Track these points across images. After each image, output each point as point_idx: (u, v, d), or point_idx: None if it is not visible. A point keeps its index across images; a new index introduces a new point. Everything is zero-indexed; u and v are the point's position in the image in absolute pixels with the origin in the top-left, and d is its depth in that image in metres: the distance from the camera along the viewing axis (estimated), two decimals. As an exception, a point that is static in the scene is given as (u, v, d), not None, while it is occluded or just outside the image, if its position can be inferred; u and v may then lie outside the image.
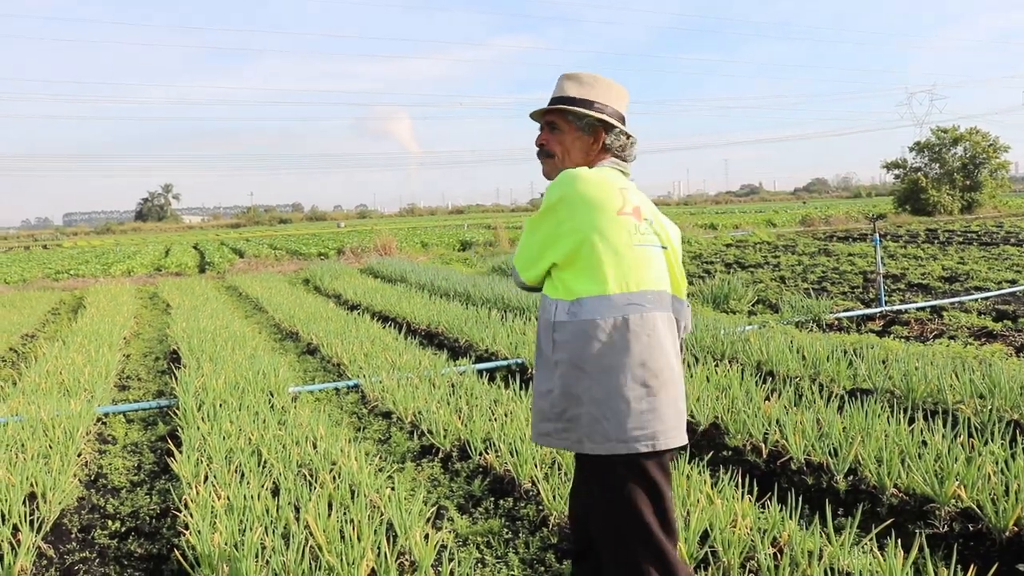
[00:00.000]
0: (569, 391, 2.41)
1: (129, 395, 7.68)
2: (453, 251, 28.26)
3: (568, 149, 2.63)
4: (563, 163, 2.63)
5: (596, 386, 2.38)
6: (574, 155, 2.64)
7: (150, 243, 49.73)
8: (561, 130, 2.64)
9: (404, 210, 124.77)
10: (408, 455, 5.30)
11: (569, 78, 2.66)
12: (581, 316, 2.41)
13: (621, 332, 2.39)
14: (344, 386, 7.31)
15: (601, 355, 2.38)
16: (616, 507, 2.40)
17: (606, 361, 2.38)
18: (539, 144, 2.69)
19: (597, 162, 2.65)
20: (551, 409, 2.45)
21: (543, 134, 2.68)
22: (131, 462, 5.55)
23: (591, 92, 2.64)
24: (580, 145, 2.63)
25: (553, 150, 2.65)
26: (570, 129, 2.62)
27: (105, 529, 4.30)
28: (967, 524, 3.63)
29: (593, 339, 2.39)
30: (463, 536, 3.98)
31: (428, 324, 10.22)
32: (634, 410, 2.36)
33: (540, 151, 2.69)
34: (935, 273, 13.84)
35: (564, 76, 2.68)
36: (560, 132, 2.64)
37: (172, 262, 27.11)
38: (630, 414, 2.35)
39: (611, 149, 2.65)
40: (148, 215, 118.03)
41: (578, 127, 2.62)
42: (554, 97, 2.66)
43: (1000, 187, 39.10)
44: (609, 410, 2.36)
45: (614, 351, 2.38)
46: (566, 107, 2.60)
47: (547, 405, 2.47)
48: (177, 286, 17.98)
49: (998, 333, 8.22)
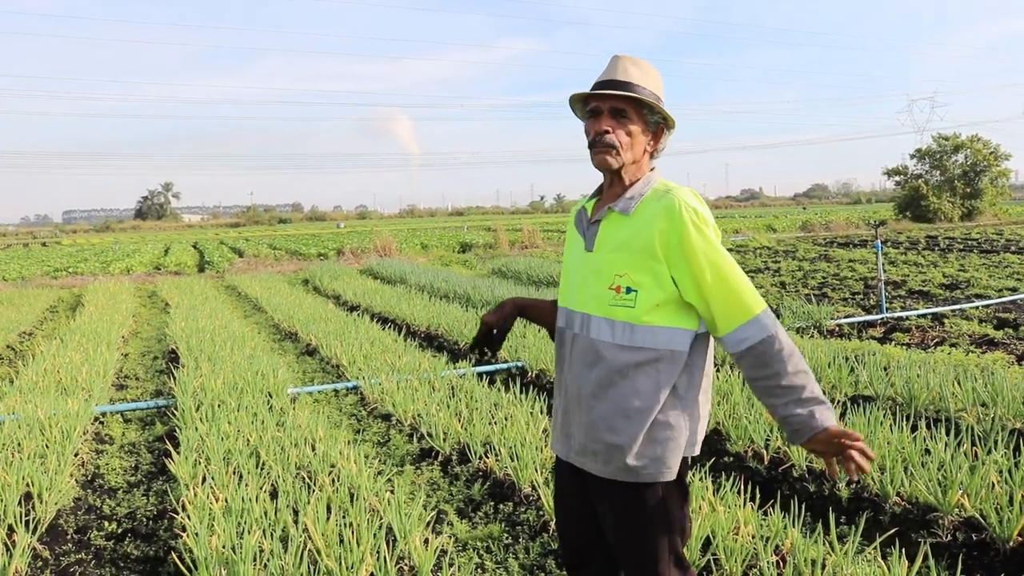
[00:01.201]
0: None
1: (127, 394, 7.65)
2: (453, 253, 28.24)
3: (632, 144, 2.27)
4: (623, 159, 2.26)
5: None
6: (636, 152, 2.29)
7: (149, 241, 49.71)
8: (631, 120, 2.26)
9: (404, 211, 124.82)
10: (408, 458, 5.27)
11: (632, 62, 2.30)
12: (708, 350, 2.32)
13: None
14: (343, 388, 7.28)
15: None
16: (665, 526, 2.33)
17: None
18: (604, 131, 2.25)
19: (646, 168, 2.34)
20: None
21: (608, 120, 2.26)
22: (128, 462, 5.52)
23: (654, 84, 2.31)
24: (642, 142, 2.29)
25: (620, 141, 2.25)
26: (639, 121, 2.27)
27: (101, 530, 4.27)
28: (971, 533, 3.61)
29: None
30: (463, 541, 3.95)
31: (428, 326, 10.19)
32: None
33: (599, 141, 2.26)
34: (936, 280, 13.82)
35: (624, 58, 2.32)
36: (629, 122, 2.26)
37: (171, 261, 27.07)
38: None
39: (656, 153, 2.37)
40: (148, 213, 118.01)
41: (647, 121, 2.29)
42: (620, 81, 2.26)
43: (1001, 195, 39.04)
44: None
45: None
46: (644, 97, 2.25)
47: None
48: (176, 285, 17.94)
49: (999, 341, 8.19)
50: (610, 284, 2.25)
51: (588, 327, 2.30)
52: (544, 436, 5.02)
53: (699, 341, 2.25)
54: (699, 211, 2.18)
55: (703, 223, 2.17)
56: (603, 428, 2.25)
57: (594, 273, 2.30)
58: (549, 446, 4.75)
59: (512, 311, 2.62)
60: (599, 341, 2.26)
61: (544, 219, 74.54)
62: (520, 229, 34.61)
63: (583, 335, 2.32)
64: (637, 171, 2.32)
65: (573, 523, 2.49)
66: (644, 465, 2.21)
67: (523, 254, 24.92)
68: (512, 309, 2.63)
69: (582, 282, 2.36)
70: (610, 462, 2.25)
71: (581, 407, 2.32)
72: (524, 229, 32.74)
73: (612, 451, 2.24)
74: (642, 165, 2.33)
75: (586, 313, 2.31)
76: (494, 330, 2.58)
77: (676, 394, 2.23)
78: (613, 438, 2.23)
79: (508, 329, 2.60)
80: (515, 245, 29.25)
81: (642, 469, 2.21)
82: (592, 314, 2.29)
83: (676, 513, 2.28)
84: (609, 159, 2.26)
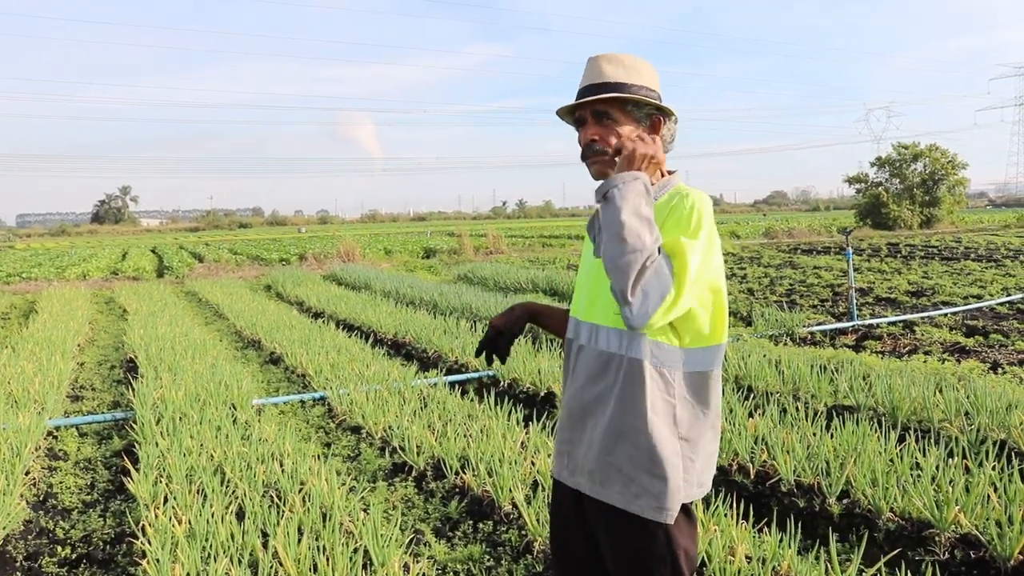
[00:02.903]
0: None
1: (83, 406, 7.33)
2: (417, 258, 27.97)
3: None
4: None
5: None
6: None
7: (106, 246, 48.61)
8: (616, 121, 2.14)
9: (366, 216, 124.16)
10: (380, 473, 5.05)
11: (608, 60, 2.19)
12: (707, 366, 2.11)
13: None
14: (310, 398, 7.04)
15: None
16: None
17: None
18: (590, 140, 2.15)
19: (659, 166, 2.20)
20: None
21: (593, 128, 2.15)
22: (84, 480, 5.23)
23: (638, 76, 2.18)
24: None
25: (611, 145, 2.13)
26: (627, 120, 2.15)
27: (54, 556, 3.99)
28: (969, 551, 3.49)
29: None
30: (442, 563, 3.75)
31: (395, 333, 9.96)
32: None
33: (589, 150, 2.16)
34: (902, 287, 13.90)
35: (599, 58, 2.21)
36: (615, 123, 2.14)
37: (129, 266, 26.43)
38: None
39: (665, 147, 2.21)
40: (105, 217, 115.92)
41: (636, 117, 2.16)
42: (595, 84, 2.16)
43: (958, 203, 39.72)
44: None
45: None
46: (623, 94, 2.13)
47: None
48: (134, 291, 17.48)
49: (971, 349, 8.19)
50: None
51: (596, 338, 2.12)
52: (523, 450, 4.84)
53: (699, 373, 2.07)
54: (702, 210, 2.02)
55: (699, 216, 2.01)
56: (600, 448, 2.08)
57: (602, 280, 2.12)
58: (528, 460, 4.58)
59: (522, 315, 2.43)
60: (607, 353, 2.09)
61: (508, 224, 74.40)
62: (485, 235, 34.39)
63: (590, 347, 2.14)
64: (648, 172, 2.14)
65: (571, 555, 2.29)
66: (641, 497, 2.02)
67: (488, 260, 24.72)
68: (522, 313, 2.44)
69: (591, 289, 2.18)
70: (607, 485, 2.06)
71: (581, 423, 2.14)
72: (489, 235, 32.54)
73: (609, 473, 2.06)
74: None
75: (594, 323, 2.14)
76: (502, 334, 2.39)
77: (680, 423, 2.04)
78: (610, 459, 2.05)
79: (517, 334, 2.41)
80: (480, 251, 29.06)
81: (639, 501, 2.02)
82: (601, 324, 2.11)
83: (682, 548, 2.07)
84: (603, 168, 2.14)
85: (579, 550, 2.26)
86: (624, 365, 2.04)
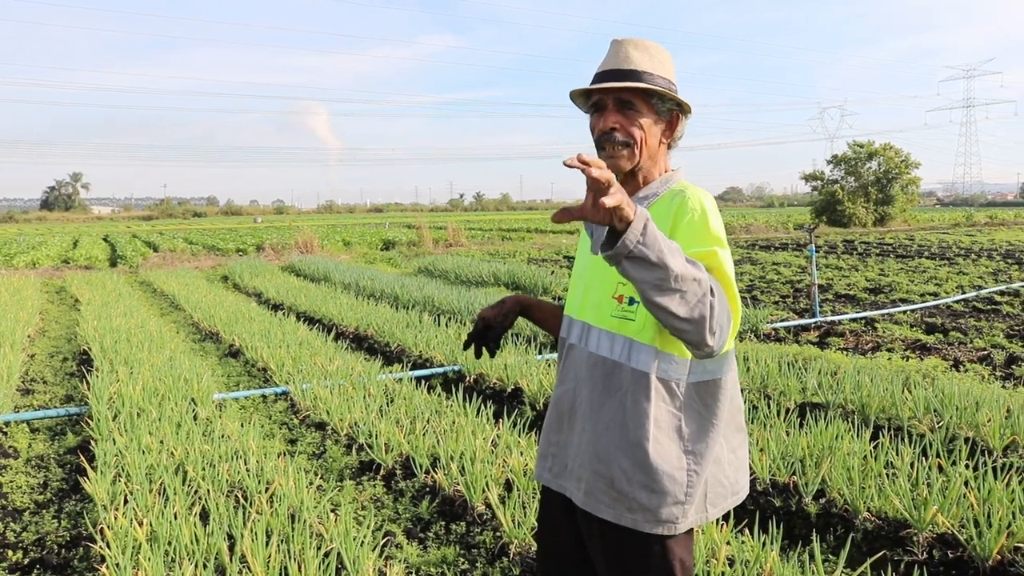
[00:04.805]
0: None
1: (34, 400, 7.07)
2: (376, 250, 27.67)
3: (647, 139, 1.98)
4: (636, 157, 1.99)
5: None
6: (651, 146, 2.00)
7: (56, 234, 47.41)
8: (640, 112, 1.97)
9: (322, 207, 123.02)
10: (347, 472, 4.91)
11: (634, 46, 2.03)
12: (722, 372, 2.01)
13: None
14: (272, 393, 6.86)
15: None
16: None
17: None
18: (611, 128, 1.97)
19: (663, 163, 2.07)
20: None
21: (615, 115, 1.97)
22: (36, 479, 5.02)
23: (662, 67, 2.02)
24: (655, 134, 2.00)
25: (634, 137, 1.97)
26: (649, 112, 1.98)
27: (4, 561, 3.79)
28: (947, 551, 3.48)
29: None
30: (414, 566, 3.64)
31: (357, 327, 9.80)
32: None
33: (607, 138, 1.98)
34: (860, 284, 14.06)
35: (626, 42, 2.04)
36: (639, 115, 1.97)
37: (81, 254, 25.76)
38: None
39: (673, 143, 2.09)
40: (55, 204, 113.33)
41: (658, 111, 2.00)
42: (622, 70, 1.99)
43: (911, 202, 40.40)
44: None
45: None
46: (653, 86, 1.97)
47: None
48: (87, 280, 17.03)
49: (932, 346, 8.28)
50: (612, 292, 1.97)
51: (587, 339, 2.03)
52: (494, 448, 4.75)
53: (708, 381, 1.95)
54: (707, 209, 1.90)
55: (705, 214, 1.89)
56: (589, 454, 1.98)
57: (597, 279, 2.02)
58: (501, 458, 4.49)
59: (513, 308, 2.31)
60: (597, 356, 1.98)
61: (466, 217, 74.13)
62: (444, 227, 34.19)
63: (580, 347, 2.05)
64: (653, 167, 2.04)
65: (561, 561, 2.20)
66: (635, 511, 1.91)
67: (448, 252, 24.56)
68: (513, 306, 2.32)
69: (585, 288, 2.08)
70: (596, 496, 1.96)
71: (571, 426, 2.05)
72: (448, 227, 32.36)
73: (596, 482, 1.95)
74: (658, 160, 2.05)
75: (586, 323, 2.04)
76: (491, 327, 2.28)
77: (681, 437, 1.93)
78: (600, 467, 1.94)
79: (507, 327, 2.29)
80: (439, 243, 28.87)
81: (631, 515, 1.92)
82: (593, 324, 2.01)
83: (679, 559, 1.97)
84: (621, 161, 1.98)
85: (568, 556, 2.17)
86: (628, 376, 1.93)
